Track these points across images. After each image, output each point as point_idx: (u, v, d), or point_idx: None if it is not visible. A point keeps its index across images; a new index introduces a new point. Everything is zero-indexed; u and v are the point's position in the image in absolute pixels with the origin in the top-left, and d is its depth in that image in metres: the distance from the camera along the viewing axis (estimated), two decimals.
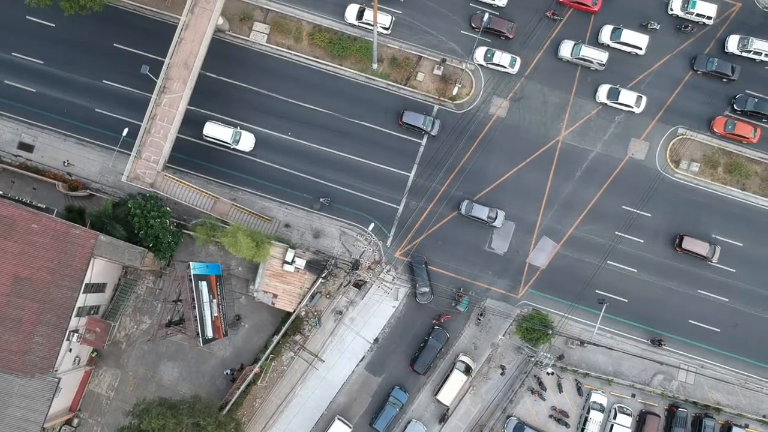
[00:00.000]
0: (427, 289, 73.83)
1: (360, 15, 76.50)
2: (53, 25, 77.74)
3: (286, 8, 78.01)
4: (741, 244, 74.47)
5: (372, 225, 75.17)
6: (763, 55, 74.94)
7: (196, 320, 68.81)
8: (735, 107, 75.37)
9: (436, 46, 77.52)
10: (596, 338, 73.63)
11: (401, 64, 77.36)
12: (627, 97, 74.90)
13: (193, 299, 68.54)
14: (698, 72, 75.95)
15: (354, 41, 77.23)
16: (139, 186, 71.70)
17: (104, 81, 77.64)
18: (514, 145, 76.21)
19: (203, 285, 69.82)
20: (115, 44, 77.74)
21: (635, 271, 74.66)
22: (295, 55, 77.90)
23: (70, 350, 69.37)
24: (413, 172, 76.60)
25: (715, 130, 75.20)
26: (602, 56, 75.13)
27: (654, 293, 74.37)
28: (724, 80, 75.77)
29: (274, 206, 76.57)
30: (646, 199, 75.00)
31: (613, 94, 75.19)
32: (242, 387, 72.18)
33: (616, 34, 75.67)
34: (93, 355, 74.36)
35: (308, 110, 77.21)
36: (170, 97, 71.47)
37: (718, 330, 74.05)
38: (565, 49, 76.04)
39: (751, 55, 75.33)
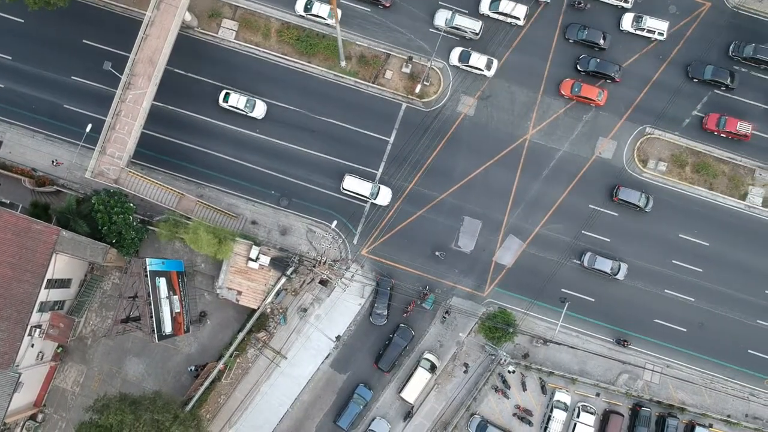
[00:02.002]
0: (384, 313, 73.79)
1: None
2: (21, 21, 77.84)
3: (253, 5, 78.21)
4: (707, 244, 74.26)
5: (335, 222, 75.12)
6: (656, 33, 75.07)
7: (151, 316, 68.73)
8: (578, 68, 75.55)
9: (404, 43, 77.41)
10: (561, 337, 73.48)
11: (369, 62, 77.26)
12: (477, 60, 75.17)
13: (148, 295, 68.45)
14: (569, 40, 76.24)
15: (322, 38, 77.16)
16: (103, 182, 71.64)
17: (73, 77, 77.70)
18: (482, 143, 76.03)
19: (161, 281, 69.67)
20: (84, 40, 77.86)
21: None
22: (263, 52, 77.84)
23: (33, 345, 69.45)
24: (380, 170, 76.49)
25: (562, 93, 75.42)
26: (475, 25, 75.40)
27: (620, 292, 74.17)
28: (596, 49, 75.93)
29: (240, 203, 76.54)
30: (612, 198, 74.76)
31: (464, 57, 75.53)
32: (205, 383, 72.20)
33: (494, 5, 75.88)
34: (58, 351, 74.40)
35: (276, 107, 77.11)
36: (135, 93, 71.47)
37: (684, 330, 73.89)
38: (440, 19, 76.15)
39: (644, 34, 75.45)
